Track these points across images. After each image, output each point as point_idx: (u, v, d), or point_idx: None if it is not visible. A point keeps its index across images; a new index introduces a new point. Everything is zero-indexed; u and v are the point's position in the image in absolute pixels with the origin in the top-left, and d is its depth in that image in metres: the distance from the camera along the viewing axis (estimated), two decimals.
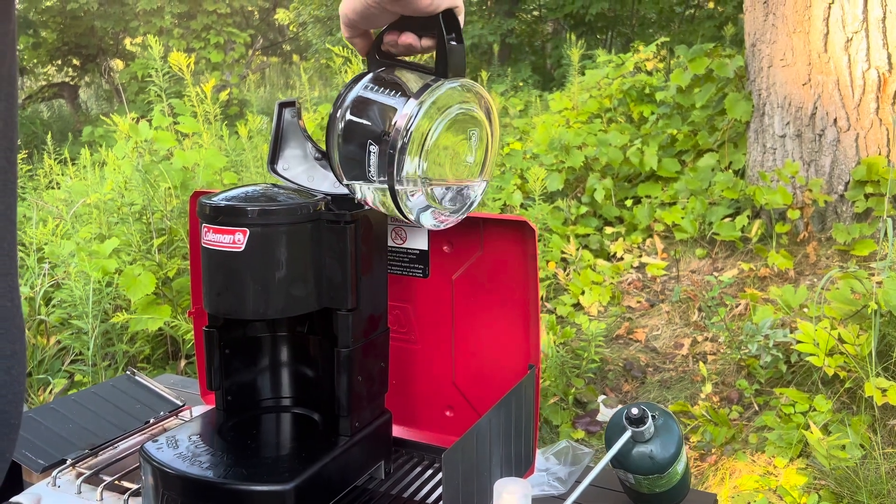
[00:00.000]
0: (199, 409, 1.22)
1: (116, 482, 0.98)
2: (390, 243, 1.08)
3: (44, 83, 11.00)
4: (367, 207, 0.89)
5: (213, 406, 0.99)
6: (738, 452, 2.23)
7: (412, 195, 0.83)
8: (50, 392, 2.59)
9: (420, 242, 1.07)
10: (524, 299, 1.00)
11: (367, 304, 0.92)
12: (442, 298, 1.07)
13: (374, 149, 0.82)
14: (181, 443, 0.90)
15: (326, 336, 0.96)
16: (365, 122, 0.84)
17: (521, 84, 8.99)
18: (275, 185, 0.96)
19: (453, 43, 0.82)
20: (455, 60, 0.82)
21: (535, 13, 13.04)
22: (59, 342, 2.78)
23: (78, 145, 5.95)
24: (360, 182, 0.85)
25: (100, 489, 0.96)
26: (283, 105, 1.02)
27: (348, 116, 0.84)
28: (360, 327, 0.91)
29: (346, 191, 0.97)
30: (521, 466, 0.98)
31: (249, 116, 3.97)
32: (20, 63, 10.47)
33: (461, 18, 0.83)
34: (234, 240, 0.84)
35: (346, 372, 0.90)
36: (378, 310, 0.96)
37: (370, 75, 0.86)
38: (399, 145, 0.79)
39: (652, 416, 1.06)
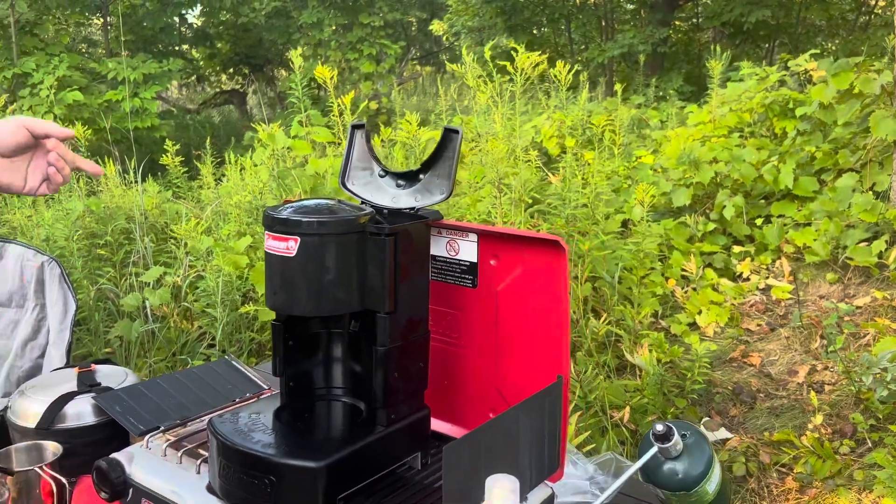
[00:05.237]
0: None
1: (194, 449, 1.14)
2: (444, 255, 1.17)
3: (217, 90, 11.99)
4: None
5: None
6: (840, 488, 2.13)
7: None
8: None
9: (470, 255, 1.16)
10: (557, 313, 1.06)
11: (405, 308, 1.02)
12: (488, 308, 1.15)
13: None
14: (241, 419, 1.04)
15: (371, 335, 1.07)
16: None
17: (671, 93, 8.75)
18: (340, 201, 1.08)
19: None
20: None
21: (693, 21, 12.62)
22: (200, 327, 3.09)
23: (240, 148, 6.46)
24: None
25: (180, 454, 1.12)
26: (354, 127, 1.14)
27: None
28: (397, 329, 1.02)
29: (403, 205, 1.08)
30: (544, 469, 1.04)
31: (381, 126, 4.18)
32: (198, 71, 11.49)
33: None
34: (287, 246, 0.97)
35: (382, 368, 1.01)
36: (417, 314, 1.05)
37: None
38: None
39: (682, 434, 1.09)
